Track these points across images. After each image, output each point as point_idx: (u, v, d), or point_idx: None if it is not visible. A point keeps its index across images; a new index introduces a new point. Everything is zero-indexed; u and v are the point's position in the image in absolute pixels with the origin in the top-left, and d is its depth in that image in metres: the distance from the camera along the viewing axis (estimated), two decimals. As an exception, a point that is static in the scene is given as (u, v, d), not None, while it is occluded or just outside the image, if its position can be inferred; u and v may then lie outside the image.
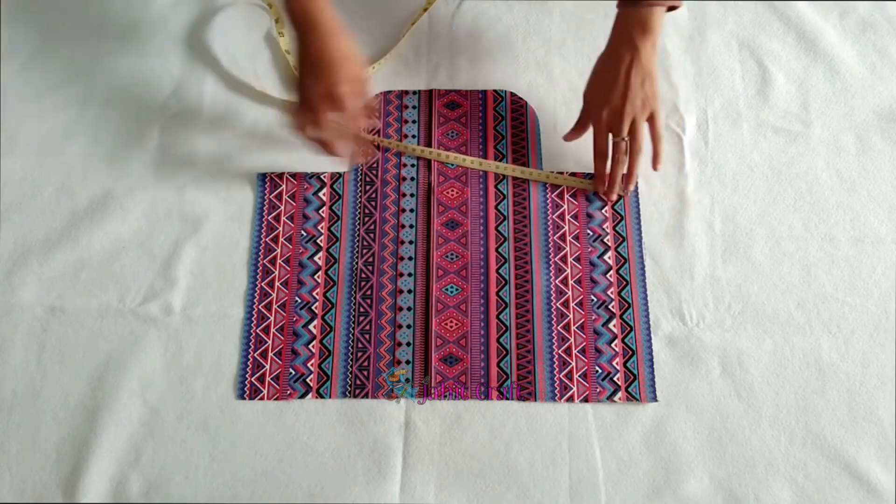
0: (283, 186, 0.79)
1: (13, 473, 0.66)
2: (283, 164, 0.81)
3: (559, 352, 0.72)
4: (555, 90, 0.85)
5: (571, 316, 0.73)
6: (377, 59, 0.87)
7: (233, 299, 0.74)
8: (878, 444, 0.68)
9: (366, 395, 0.70)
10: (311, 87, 0.70)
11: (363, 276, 0.75)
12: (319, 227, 0.77)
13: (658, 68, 0.86)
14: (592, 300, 0.74)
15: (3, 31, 0.89)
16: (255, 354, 0.71)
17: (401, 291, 0.74)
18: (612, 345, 0.72)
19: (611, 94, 0.74)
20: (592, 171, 0.80)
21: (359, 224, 0.78)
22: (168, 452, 0.67)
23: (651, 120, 0.75)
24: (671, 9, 0.74)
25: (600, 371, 0.71)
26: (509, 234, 0.77)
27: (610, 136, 0.75)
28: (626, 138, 0.74)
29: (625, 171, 0.76)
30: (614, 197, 0.78)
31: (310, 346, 0.72)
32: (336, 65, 0.69)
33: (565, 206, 0.78)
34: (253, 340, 0.72)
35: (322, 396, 0.70)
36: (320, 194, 0.79)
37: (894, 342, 0.72)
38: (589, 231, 0.77)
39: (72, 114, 0.84)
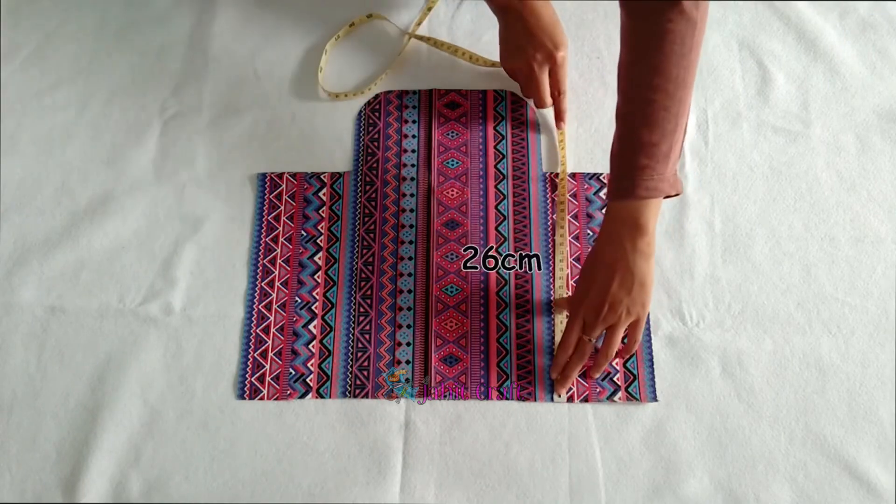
0: (283, 186, 0.79)
1: (13, 473, 0.66)
2: (283, 164, 0.81)
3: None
4: (555, 90, 0.85)
5: (571, 316, 0.73)
6: (381, 61, 0.87)
7: (233, 299, 0.74)
8: (878, 444, 0.68)
9: (366, 395, 0.70)
10: (531, 55, 0.78)
11: (363, 276, 0.75)
12: (319, 227, 0.77)
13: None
14: (592, 300, 0.74)
15: (3, 31, 0.89)
16: (255, 354, 0.71)
17: (401, 291, 0.74)
18: (612, 345, 0.72)
19: (590, 293, 0.67)
20: (591, 171, 0.80)
21: (359, 224, 0.78)
22: (168, 452, 0.67)
23: (633, 326, 0.68)
24: (668, 196, 0.67)
25: (600, 371, 0.71)
26: (509, 235, 0.77)
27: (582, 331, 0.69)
28: (594, 341, 0.69)
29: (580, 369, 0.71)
30: (562, 392, 0.70)
31: (310, 346, 0.72)
32: (551, 31, 0.78)
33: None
34: (253, 340, 0.72)
35: (322, 396, 0.70)
36: (320, 194, 0.79)
37: (894, 342, 0.72)
38: (589, 231, 0.77)
39: (72, 114, 0.84)
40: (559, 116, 0.82)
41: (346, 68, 0.87)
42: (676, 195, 0.67)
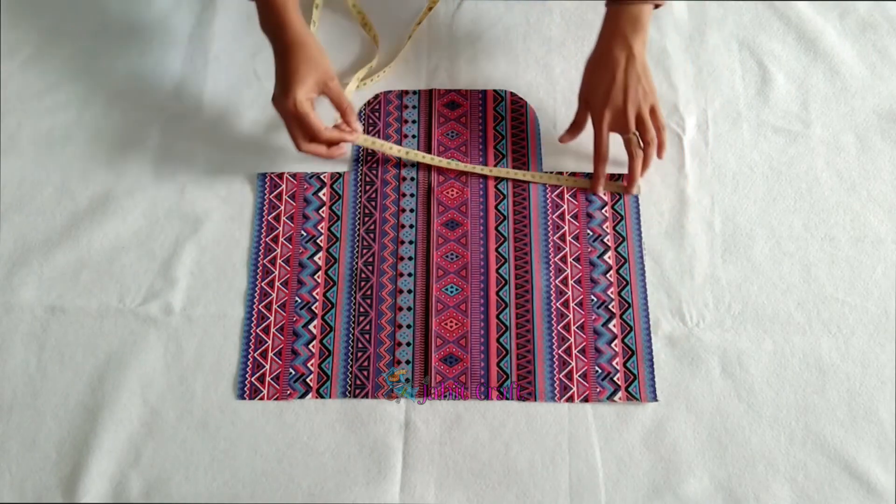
0: (283, 186, 0.79)
1: (13, 473, 0.66)
2: (283, 164, 0.81)
3: (559, 352, 0.72)
4: (555, 90, 0.85)
5: (571, 316, 0.73)
6: (382, 61, 0.87)
7: (233, 299, 0.74)
8: (878, 444, 0.68)
9: (366, 395, 0.70)
10: (280, 104, 0.72)
11: (363, 276, 0.75)
12: (319, 227, 0.77)
13: (658, 68, 0.86)
14: (592, 300, 0.74)
15: (3, 31, 0.89)
16: (255, 354, 0.72)
17: (401, 291, 0.74)
18: (612, 345, 0.72)
19: (610, 94, 0.74)
20: (590, 171, 0.80)
21: (359, 224, 0.78)
22: (168, 452, 0.67)
23: (652, 112, 0.76)
24: (656, 6, 0.75)
25: (600, 371, 0.71)
26: (509, 234, 0.77)
27: (617, 135, 0.77)
28: (636, 133, 0.75)
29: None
30: (635, 190, 0.78)
31: (310, 346, 0.72)
32: (296, 77, 0.71)
33: (565, 206, 0.78)
34: (253, 340, 0.72)
35: (322, 396, 0.70)
36: (320, 194, 0.79)
37: (894, 342, 0.72)
38: (589, 231, 0.77)
39: (72, 114, 0.84)
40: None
41: (345, 66, 0.87)
42: (660, 6, 0.75)
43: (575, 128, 0.79)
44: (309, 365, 0.71)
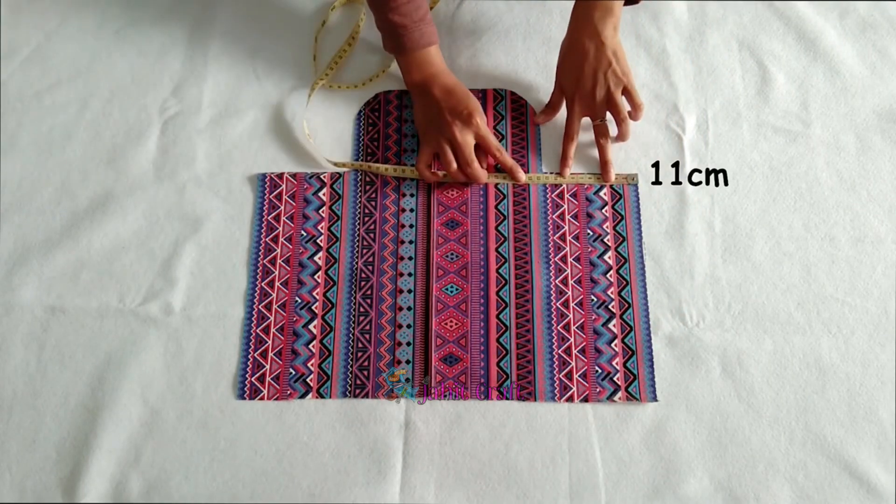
0: (283, 186, 0.79)
1: (13, 473, 0.66)
2: (283, 164, 0.81)
3: (559, 352, 0.72)
4: (555, 90, 0.85)
5: (571, 316, 0.73)
6: (382, 61, 0.87)
7: (233, 299, 0.74)
8: (878, 444, 0.68)
9: (366, 395, 0.70)
10: (461, 134, 0.77)
11: (363, 275, 0.75)
12: (319, 227, 0.77)
13: (658, 68, 0.86)
14: (592, 300, 0.74)
15: (3, 31, 0.89)
16: (255, 354, 0.72)
17: (401, 291, 0.74)
18: (612, 345, 0.72)
19: (580, 81, 0.77)
20: (596, 169, 0.80)
21: (359, 224, 0.78)
22: (168, 452, 0.67)
23: (627, 93, 0.78)
24: (629, 2, 0.79)
25: (600, 371, 0.71)
26: (509, 234, 0.77)
27: (588, 119, 0.80)
28: (604, 121, 0.78)
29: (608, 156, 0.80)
30: (611, 178, 0.79)
31: (310, 346, 0.72)
32: (469, 110, 0.77)
33: (565, 206, 0.78)
34: (253, 340, 0.72)
35: (322, 396, 0.70)
36: (320, 194, 0.79)
37: (894, 342, 0.72)
38: (589, 231, 0.77)
39: (72, 114, 0.84)
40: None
41: (346, 64, 0.87)
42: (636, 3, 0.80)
43: (549, 109, 0.82)
44: (309, 365, 0.71)
